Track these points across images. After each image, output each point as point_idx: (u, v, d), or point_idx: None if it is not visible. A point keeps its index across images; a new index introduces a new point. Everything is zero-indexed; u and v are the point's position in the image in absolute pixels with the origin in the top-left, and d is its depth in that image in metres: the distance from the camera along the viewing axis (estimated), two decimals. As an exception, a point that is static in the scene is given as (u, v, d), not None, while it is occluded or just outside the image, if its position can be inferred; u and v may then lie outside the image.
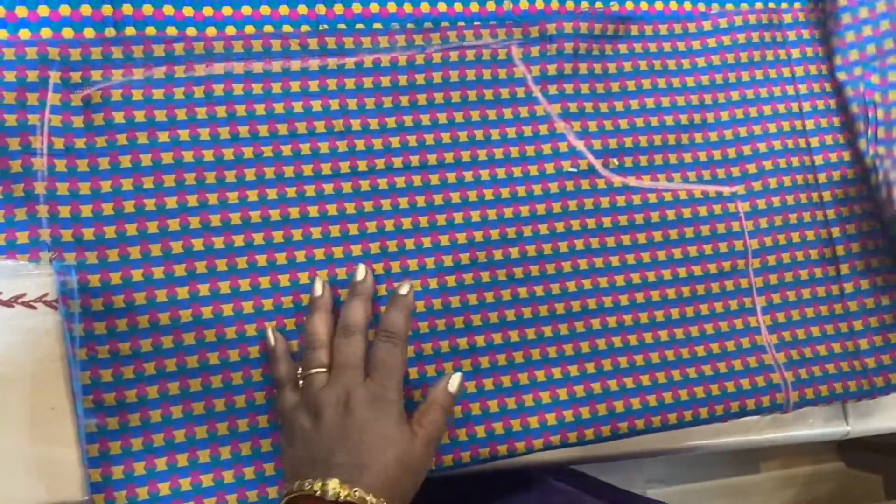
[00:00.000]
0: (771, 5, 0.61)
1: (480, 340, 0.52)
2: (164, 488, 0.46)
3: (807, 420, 0.58)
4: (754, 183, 0.58)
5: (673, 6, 0.59)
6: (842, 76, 0.60)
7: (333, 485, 0.40)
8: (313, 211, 0.51)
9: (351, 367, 0.45)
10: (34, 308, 0.47)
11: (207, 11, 0.51)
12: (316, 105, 0.52)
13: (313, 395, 0.45)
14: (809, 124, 0.60)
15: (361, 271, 0.49)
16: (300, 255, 0.50)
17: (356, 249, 0.51)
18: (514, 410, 0.51)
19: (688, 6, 0.60)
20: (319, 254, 0.50)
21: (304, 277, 0.50)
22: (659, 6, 0.59)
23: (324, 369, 0.46)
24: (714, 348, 0.55)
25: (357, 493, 0.40)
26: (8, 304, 0.46)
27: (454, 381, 0.48)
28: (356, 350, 0.46)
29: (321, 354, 0.46)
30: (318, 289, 0.49)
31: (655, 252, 0.56)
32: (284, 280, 0.50)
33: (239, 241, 0.49)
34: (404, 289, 0.49)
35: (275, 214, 0.50)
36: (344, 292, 0.50)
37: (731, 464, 1.41)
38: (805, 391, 0.56)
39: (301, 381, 0.46)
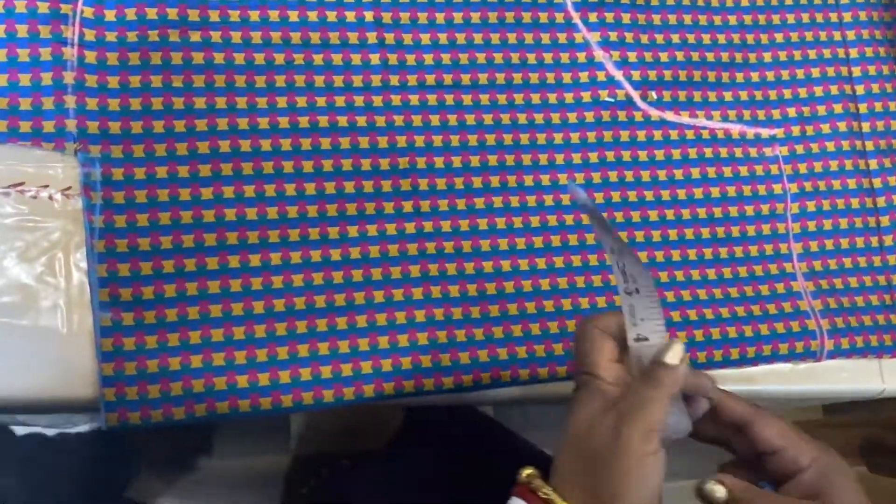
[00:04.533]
0: (819, -51, 0.59)
1: (507, 265, 0.50)
2: (177, 388, 0.45)
3: (840, 373, 0.56)
4: (794, 127, 0.57)
5: (719, -57, 0.58)
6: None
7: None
8: (342, 121, 0.50)
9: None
10: (56, 201, 0.46)
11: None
12: (350, 16, 0.51)
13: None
14: (856, 71, 0.58)
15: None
16: (327, 165, 0.49)
17: (384, 163, 0.50)
18: (537, 336, 0.50)
19: (734, -56, 0.58)
20: (347, 164, 0.49)
21: (329, 188, 0.49)
22: (704, -58, 0.58)
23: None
24: (748, 291, 0.53)
25: None
26: (30, 193, 0.46)
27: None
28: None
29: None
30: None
31: (692, 189, 0.54)
32: (311, 188, 0.48)
33: (266, 145, 0.48)
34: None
35: (303, 121, 0.49)
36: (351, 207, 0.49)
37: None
38: (840, 340, 0.54)
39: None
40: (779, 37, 0.58)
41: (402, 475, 0.63)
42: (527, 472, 0.37)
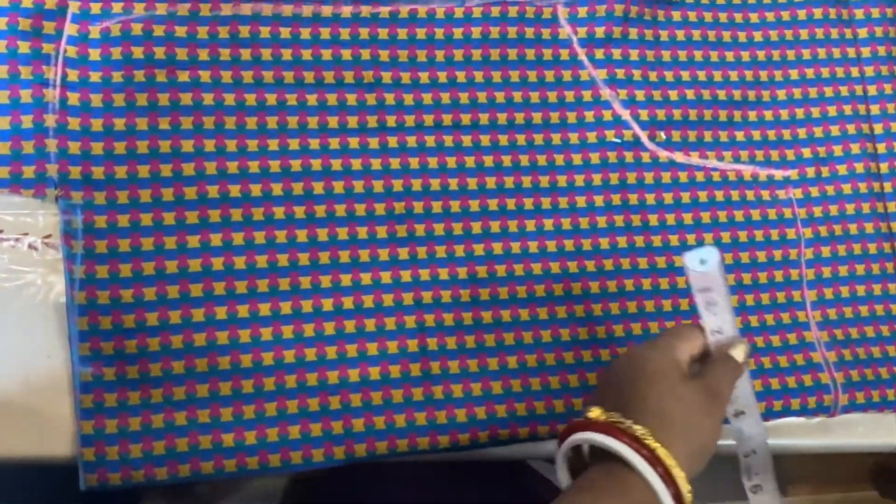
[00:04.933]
0: (837, -19, 0.57)
1: (506, 315, 0.48)
2: (160, 447, 0.43)
3: (856, 428, 0.53)
4: (808, 168, 0.54)
5: (732, -25, 0.56)
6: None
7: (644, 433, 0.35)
8: (336, 164, 0.47)
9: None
10: (36, 249, 0.44)
11: (238, -51, 0.48)
12: (346, 54, 0.49)
13: (722, 381, 0.39)
14: (874, 109, 0.56)
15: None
16: (320, 210, 0.47)
17: (379, 208, 0.48)
18: (538, 392, 0.48)
19: (747, -24, 0.56)
20: (340, 210, 0.47)
21: (322, 234, 0.47)
22: (717, -26, 0.55)
23: (742, 372, 0.41)
24: (758, 342, 0.51)
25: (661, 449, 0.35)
26: (9, 242, 0.44)
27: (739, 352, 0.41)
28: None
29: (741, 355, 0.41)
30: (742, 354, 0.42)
31: (702, 234, 0.52)
32: (302, 236, 0.46)
33: (256, 190, 0.46)
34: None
35: (296, 165, 0.47)
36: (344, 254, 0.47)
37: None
38: (855, 394, 0.51)
39: (711, 358, 0.41)
40: (793, 73, 0.55)
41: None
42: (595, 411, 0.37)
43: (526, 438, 0.47)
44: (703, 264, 0.41)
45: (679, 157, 0.53)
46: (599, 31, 0.52)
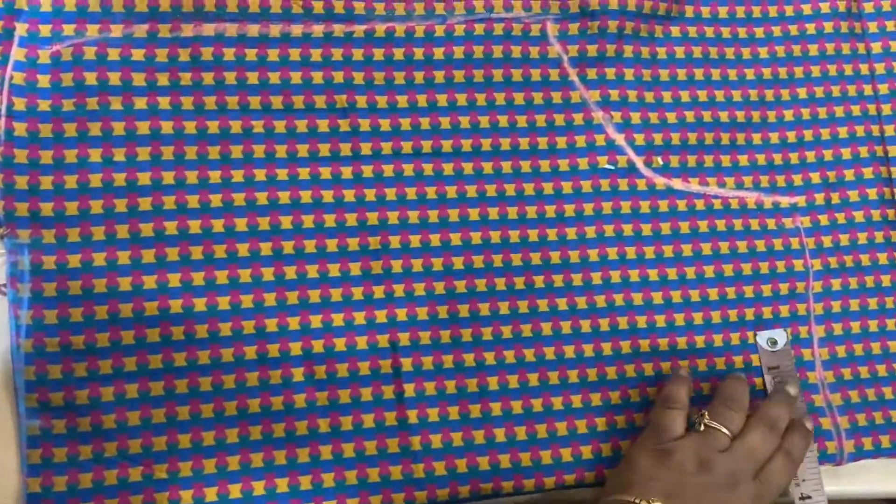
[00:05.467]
0: (849, -8, 0.53)
1: (490, 357, 0.45)
2: (112, 506, 0.40)
3: (867, 474, 0.49)
4: (817, 195, 0.51)
5: (735, -14, 0.52)
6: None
7: None
8: (306, 196, 0.44)
9: (755, 461, 0.42)
10: (-18, 290, 0.41)
11: (201, -36, 0.45)
12: (317, 77, 0.45)
13: (709, 450, 0.41)
14: (889, 130, 0.52)
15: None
16: (287, 247, 0.44)
17: (352, 243, 0.44)
18: (523, 441, 0.44)
19: (752, -13, 0.52)
20: (310, 246, 0.44)
21: (290, 272, 0.43)
22: (719, -15, 0.51)
23: (730, 436, 0.42)
24: (757, 383, 0.48)
25: None
26: (-48, 283, 0.41)
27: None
28: (771, 449, 0.43)
29: (736, 418, 0.43)
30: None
31: (702, 267, 0.48)
32: (268, 274, 0.43)
33: (218, 226, 0.43)
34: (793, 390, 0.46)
35: (262, 198, 0.44)
36: (319, 294, 0.44)
37: None
38: (862, 441, 0.48)
39: (699, 424, 0.43)
40: (801, 92, 0.51)
41: None
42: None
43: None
44: (773, 345, 0.47)
45: (677, 183, 0.49)
46: (592, 50, 0.49)
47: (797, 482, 0.45)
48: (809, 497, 0.45)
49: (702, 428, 0.42)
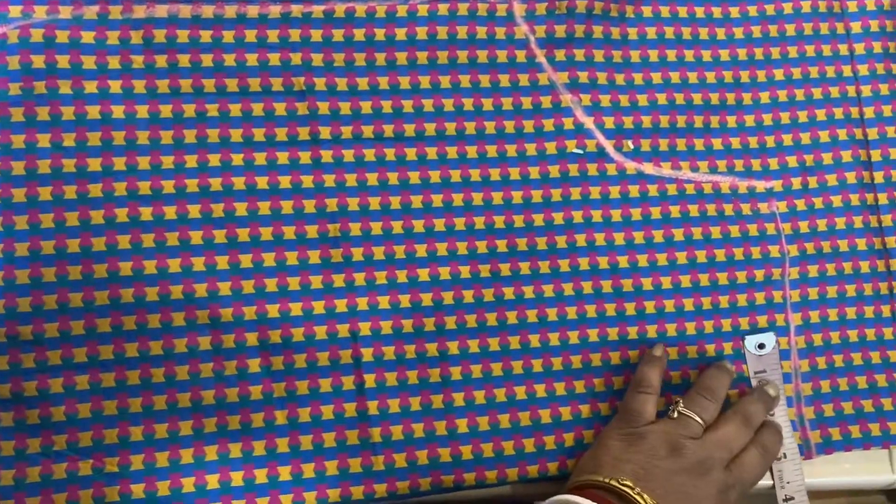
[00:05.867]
0: (828, -30, 0.52)
1: (453, 347, 0.44)
2: (60, 500, 0.39)
3: (842, 465, 0.48)
4: (794, 179, 0.49)
5: (710, -35, 0.50)
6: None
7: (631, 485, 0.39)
8: (262, 182, 0.43)
9: (727, 450, 0.42)
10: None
11: (153, -57, 0.43)
12: (274, 59, 0.44)
13: (681, 436, 0.41)
14: (868, 112, 0.50)
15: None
16: (243, 234, 0.42)
17: (311, 231, 0.43)
18: (485, 432, 0.43)
19: (727, -35, 0.50)
20: (266, 233, 0.43)
21: (245, 261, 0.42)
22: (693, -36, 0.50)
23: (703, 425, 0.42)
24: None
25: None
26: None
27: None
28: (744, 442, 0.43)
29: (710, 408, 0.43)
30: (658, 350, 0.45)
31: (674, 253, 0.47)
32: (223, 262, 0.42)
33: (171, 212, 0.42)
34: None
35: (216, 184, 0.42)
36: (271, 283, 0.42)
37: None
38: (829, 431, 0.47)
39: (672, 412, 0.43)
40: (778, 73, 0.50)
41: None
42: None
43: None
44: (761, 348, 0.46)
45: (648, 168, 0.48)
46: (560, 30, 0.47)
47: (782, 485, 0.45)
48: (793, 498, 0.45)
49: (675, 415, 0.42)
